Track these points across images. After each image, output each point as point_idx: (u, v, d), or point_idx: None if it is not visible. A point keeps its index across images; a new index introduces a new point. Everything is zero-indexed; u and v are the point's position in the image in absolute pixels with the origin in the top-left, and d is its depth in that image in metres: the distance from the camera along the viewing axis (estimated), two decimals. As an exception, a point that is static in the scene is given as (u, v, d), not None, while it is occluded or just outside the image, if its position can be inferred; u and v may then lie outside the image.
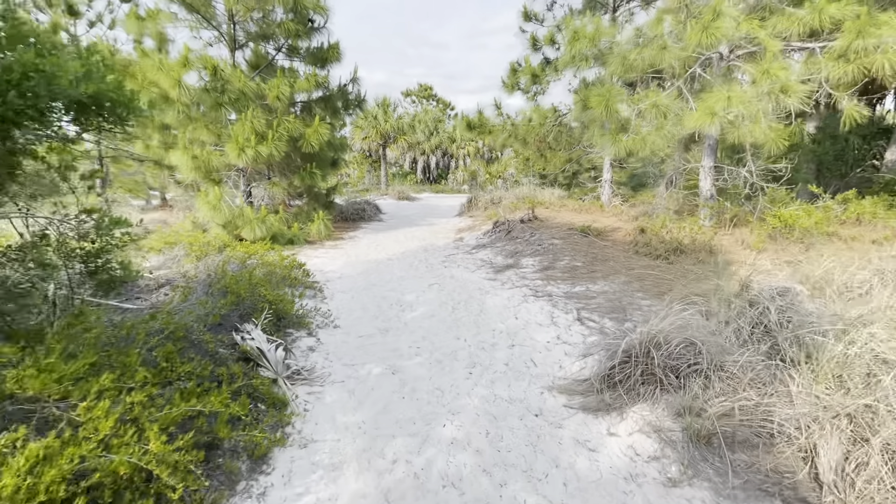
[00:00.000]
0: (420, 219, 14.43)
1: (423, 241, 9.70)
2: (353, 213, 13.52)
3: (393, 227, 12.45)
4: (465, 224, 12.13)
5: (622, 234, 7.69)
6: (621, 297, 4.99)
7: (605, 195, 11.58)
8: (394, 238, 10.29)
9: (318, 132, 9.46)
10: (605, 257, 6.61)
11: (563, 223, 8.93)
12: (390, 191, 23.24)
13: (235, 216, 8.25)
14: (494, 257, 7.52)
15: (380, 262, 7.63)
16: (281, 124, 9.10)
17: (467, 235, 9.99)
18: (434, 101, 41.09)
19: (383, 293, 5.70)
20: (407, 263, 7.44)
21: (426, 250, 8.69)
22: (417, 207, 18.62)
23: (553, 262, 6.67)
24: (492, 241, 8.64)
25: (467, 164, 35.13)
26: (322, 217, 9.66)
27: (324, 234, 9.70)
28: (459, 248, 8.70)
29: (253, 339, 3.26)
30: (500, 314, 4.77)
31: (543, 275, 6.16)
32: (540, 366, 3.51)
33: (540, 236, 7.91)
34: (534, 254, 7.23)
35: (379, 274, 6.72)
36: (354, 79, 11.40)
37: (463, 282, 6.17)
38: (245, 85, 9.11)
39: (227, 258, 5.52)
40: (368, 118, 24.07)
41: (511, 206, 12.06)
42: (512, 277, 6.24)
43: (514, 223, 8.97)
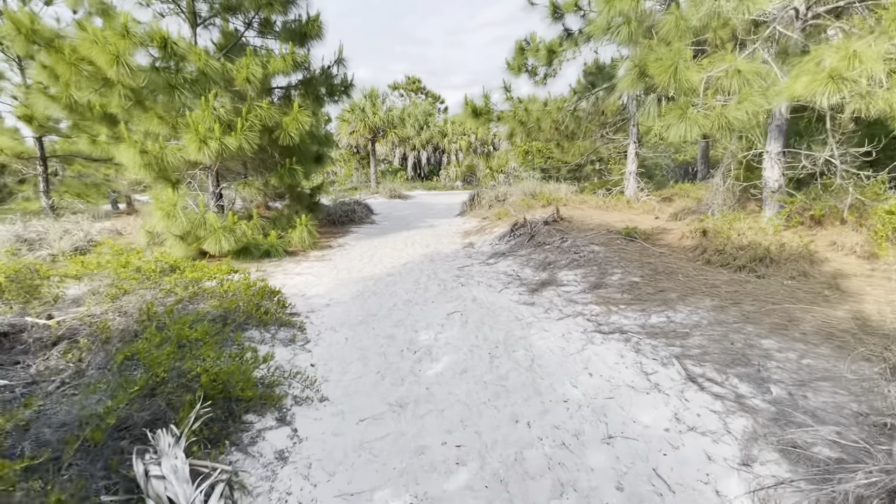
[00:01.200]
0: (417, 220, 12.89)
1: (426, 249, 8.18)
2: (341, 216, 11.93)
3: (388, 230, 10.90)
4: (472, 226, 10.63)
5: (675, 238, 6.27)
6: (727, 332, 3.55)
7: (629, 189, 10.19)
8: (391, 245, 8.75)
9: (297, 121, 7.88)
10: (667, 269, 5.17)
11: (594, 224, 7.49)
12: (381, 189, 21.65)
13: (196, 225, 6.64)
14: (521, 270, 6.03)
15: (378, 278, 6.10)
16: (252, 111, 7.50)
17: (478, 240, 8.49)
18: (423, 95, 39.42)
19: (388, 329, 4.19)
20: (412, 280, 5.93)
21: (432, 260, 7.18)
22: (412, 206, 17.07)
23: (602, 276, 5.21)
24: (512, 247, 7.16)
25: (460, 159, 33.61)
26: (305, 222, 8.08)
27: (308, 242, 8.13)
28: (472, 258, 7.20)
29: (163, 475, 1.73)
30: (564, 366, 3.29)
31: (596, 296, 4.70)
32: (679, 489, 2.04)
33: (574, 242, 6.45)
34: (572, 265, 5.77)
35: (379, 298, 5.19)
36: (340, 60, 9.81)
37: (491, 308, 4.68)
38: (206, 64, 7.48)
39: (167, 291, 3.95)
40: (355, 111, 22.38)
41: (522, 204, 10.60)
42: (554, 300, 4.76)
43: (536, 225, 7.50)
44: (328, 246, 8.78)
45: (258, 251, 7.37)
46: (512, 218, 9.60)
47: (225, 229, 6.71)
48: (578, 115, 9.67)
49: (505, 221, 9.36)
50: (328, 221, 11.63)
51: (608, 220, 7.72)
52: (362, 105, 22.40)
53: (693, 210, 7.22)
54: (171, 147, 7.15)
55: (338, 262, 7.21)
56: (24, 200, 9.85)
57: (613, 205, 9.26)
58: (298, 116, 7.89)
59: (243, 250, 7.21)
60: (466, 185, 31.61)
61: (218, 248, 6.66)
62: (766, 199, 6.48)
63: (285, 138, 7.86)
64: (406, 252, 7.95)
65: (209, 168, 8.59)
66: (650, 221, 7.82)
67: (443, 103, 39.93)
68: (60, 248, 7.22)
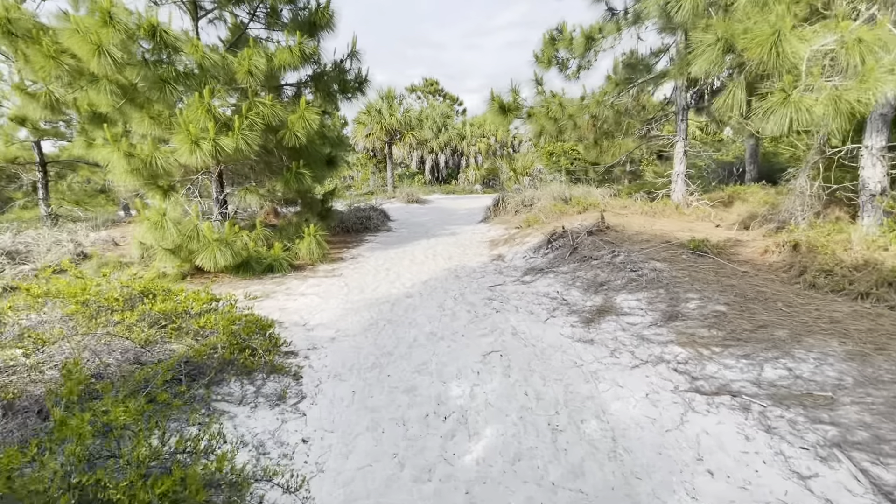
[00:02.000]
0: (437, 227, 11.94)
1: (449, 261, 7.21)
2: (356, 223, 11.06)
3: (406, 238, 9.97)
4: (498, 234, 9.62)
5: (756, 252, 5.15)
6: (892, 398, 2.46)
7: (677, 192, 9.03)
8: (410, 256, 7.80)
9: (304, 119, 7.02)
10: (760, 295, 4.07)
11: (646, 234, 6.40)
12: (398, 193, 20.82)
13: (188, 237, 5.80)
14: (567, 291, 5.00)
15: (395, 301, 5.14)
16: (253, 108, 6.68)
17: (508, 251, 7.48)
18: (441, 97, 38.63)
19: (408, 377, 3.22)
20: (436, 304, 4.95)
21: (457, 276, 6.21)
22: (430, 212, 16.14)
23: (675, 303, 4.14)
24: (551, 262, 6.12)
25: (479, 161, 32.66)
26: (313, 232, 7.20)
27: (316, 254, 7.24)
28: (504, 273, 6.20)
29: None
30: (664, 454, 2.27)
31: (674, 332, 3.64)
32: None
33: (628, 256, 5.38)
34: (631, 286, 4.71)
35: (396, 328, 4.23)
36: (353, 53, 8.95)
37: (538, 345, 3.67)
38: (203, 56, 6.70)
39: (125, 328, 3.05)
40: (371, 113, 21.62)
41: (554, 210, 9.54)
42: (619, 336, 3.72)
43: (579, 236, 6.45)
44: (339, 258, 7.88)
45: (260, 266, 6.51)
46: (544, 225, 8.56)
47: (221, 242, 5.86)
48: (619, 109, 8.59)
49: (536, 230, 8.32)
50: (341, 229, 10.78)
51: (661, 230, 6.62)
52: (378, 106, 21.64)
53: (767, 217, 6.06)
54: (164, 149, 6.36)
55: (349, 279, 6.29)
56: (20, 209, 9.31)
57: (661, 211, 8.14)
58: (306, 114, 7.04)
59: (243, 265, 6.36)
60: (486, 188, 30.61)
61: (213, 264, 5.81)
62: (865, 203, 5.31)
63: (291, 139, 7.01)
64: (427, 266, 6.99)
65: (212, 173, 7.81)
66: (711, 231, 6.69)
67: (461, 105, 39.05)
68: (46, 263, 6.51)
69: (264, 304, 5.00)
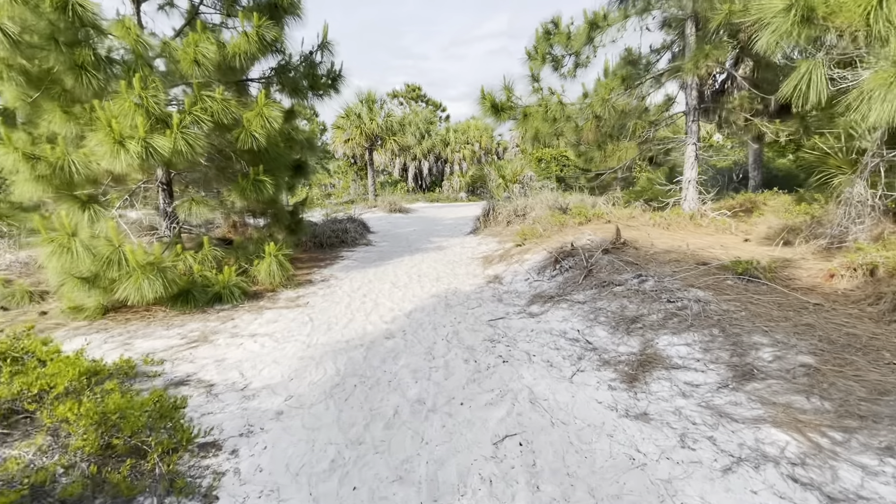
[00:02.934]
0: (422, 239, 10.84)
1: (437, 284, 6.10)
2: (331, 237, 9.87)
3: (387, 254, 8.83)
4: (490, 248, 8.56)
5: (818, 277, 4.18)
6: None
7: (689, 201, 8.13)
8: (391, 277, 6.67)
9: (263, 117, 5.87)
10: (850, 340, 3.08)
11: (671, 251, 5.41)
12: (379, 202, 19.65)
13: (105, 263, 4.56)
14: (590, 329, 3.94)
15: (370, 343, 4.01)
16: (199, 102, 5.51)
17: (505, 271, 6.41)
18: (423, 103, 37.70)
19: (383, 493, 2.09)
20: (423, 348, 3.83)
21: (448, 305, 5.11)
22: (414, 222, 15.03)
23: (740, 350, 3.12)
24: (561, 287, 5.07)
25: (464, 169, 31.77)
26: (275, 251, 6.01)
27: (278, 278, 6.05)
28: (504, 301, 5.12)
29: None
30: None
31: (756, 398, 2.61)
32: None
33: (659, 281, 4.37)
34: (672, 323, 3.68)
35: (369, 393, 3.10)
36: (325, 44, 7.85)
37: (571, 424, 2.59)
38: (137, 41, 5.53)
39: None
40: (351, 117, 20.44)
41: (553, 222, 8.55)
42: (683, 406, 2.66)
43: (593, 254, 5.42)
44: (308, 281, 6.69)
45: (205, 296, 5.28)
46: (544, 239, 7.54)
47: (150, 268, 4.63)
48: (624, 109, 7.68)
49: (536, 244, 7.29)
50: (314, 244, 9.58)
51: (686, 246, 5.65)
52: (358, 110, 20.48)
53: (813, 232, 5.14)
54: (82, 151, 5.12)
55: (315, 310, 5.12)
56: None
57: (675, 222, 7.21)
58: (265, 111, 5.89)
59: (182, 295, 5.13)
60: (472, 196, 29.68)
61: (139, 296, 4.57)
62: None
63: (247, 140, 5.84)
64: (411, 290, 5.87)
65: (159, 180, 6.57)
66: (742, 246, 5.75)
67: (444, 111, 38.23)
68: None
69: (197, 355, 3.80)
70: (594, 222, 8.20)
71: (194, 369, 3.49)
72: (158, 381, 3.24)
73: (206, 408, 2.86)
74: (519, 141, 27.50)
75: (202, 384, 3.21)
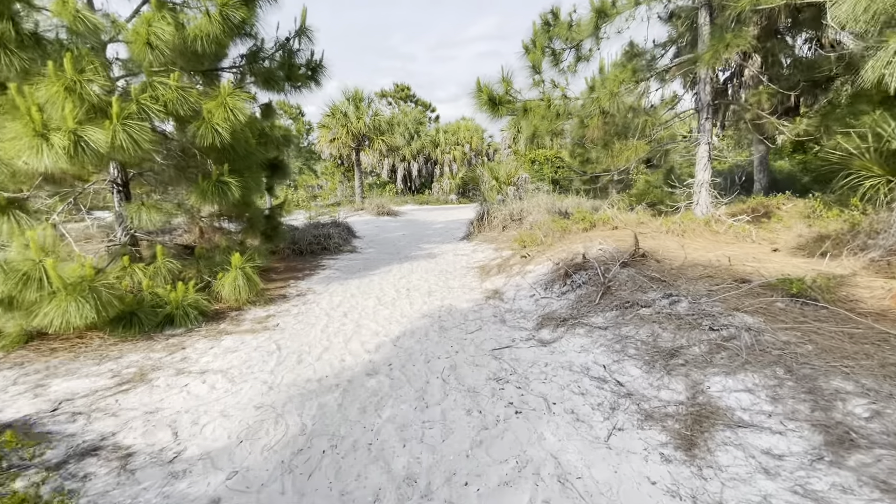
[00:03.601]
0: (412, 245, 10.07)
1: (429, 300, 5.34)
2: (312, 243, 9.04)
3: (373, 262, 8.04)
4: (486, 256, 7.83)
5: (885, 297, 3.52)
6: None
7: (701, 205, 7.50)
8: (377, 292, 5.89)
9: (226, 108, 5.07)
10: (963, 386, 2.40)
11: (699, 264, 4.73)
12: (367, 204, 18.81)
13: (23, 282, 3.71)
14: (618, 364, 3.21)
15: (348, 383, 3.24)
16: (148, 89, 4.70)
17: (505, 284, 5.67)
18: (413, 103, 36.95)
19: None
20: (414, 391, 3.07)
21: (442, 328, 4.35)
22: (403, 226, 14.25)
23: (820, 400, 2.43)
24: (573, 307, 4.34)
25: (454, 170, 31.09)
26: (241, 264, 5.20)
27: (244, 294, 5.23)
28: (508, 322, 4.38)
29: None
30: None
31: (872, 485, 1.90)
32: None
33: (695, 303, 3.67)
34: (720, 358, 2.98)
35: (341, 466, 2.32)
36: (303, 30, 7.06)
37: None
38: (76, 17, 4.71)
39: None
40: (337, 115, 19.56)
41: (554, 227, 7.85)
42: (766, 489, 1.94)
43: (608, 266, 4.71)
44: (282, 295, 5.88)
45: (153, 318, 4.45)
46: (546, 247, 6.83)
47: (78, 287, 3.79)
48: (633, 105, 7.02)
49: (537, 253, 6.58)
50: (294, 251, 8.75)
51: (713, 258, 4.97)
52: (344, 108, 19.63)
53: (864, 242, 4.50)
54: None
55: (285, 335, 4.32)
56: None
57: (691, 229, 6.56)
58: (229, 101, 5.09)
59: (126, 319, 4.28)
60: (462, 198, 28.97)
61: (63, 322, 3.72)
62: None
63: (207, 134, 5.02)
64: (399, 308, 5.10)
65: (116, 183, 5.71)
66: (772, 257, 5.10)
67: (433, 112, 37.54)
68: None
69: (125, 404, 2.98)
70: (599, 228, 7.52)
71: (115, 426, 2.68)
72: (59, 449, 2.43)
73: (110, 498, 2.06)
74: (511, 142, 26.91)
75: (118, 453, 2.41)
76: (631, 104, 6.95)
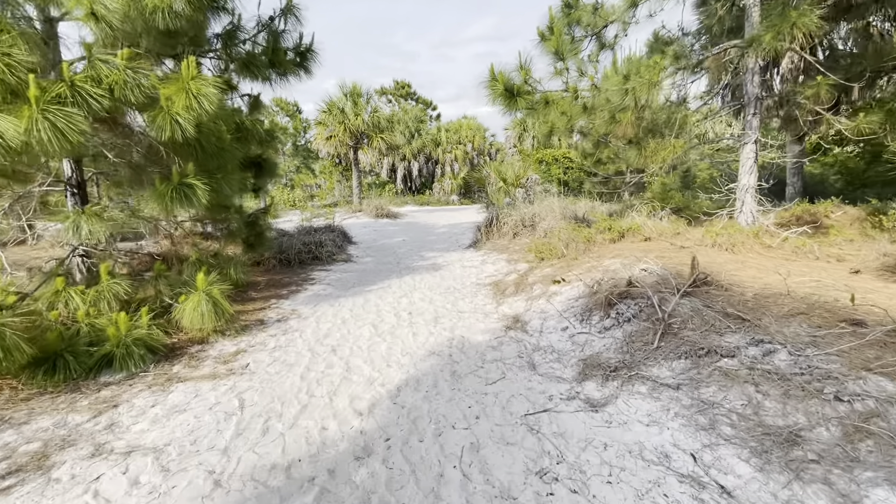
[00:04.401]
0: (413, 253, 9.12)
1: (436, 330, 4.38)
2: (301, 252, 8.08)
3: (370, 276, 7.09)
4: (499, 270, 6.87)
5: None
6: None
7: (745, 214, 6.55)
8: (373, 317, 4.93)
9: (190, 94, 4.12)
10: None
11: (777, 293, 3.76)
12: (365, 205, 17.83)
13: None
14: (711, 451, 2.26)
15: (329, 474, 2.28)
16: (92, 69, 3.76)
17: (527, 310, 4.72)
18: (413, 100, 35.97)
19: None
20: (423, 494, 2.12)
21: (456, 374, 3.40)
22: (404, 229, 13.29)
23: None
24: (623, 347, 3.39)
25: (455, 170, 30.13)
26: (204, 286, 4.23)
27: (209, 324, 4.26)
28: (539, 368, 3.43)
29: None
30: None
31: None
32: None
33: (799, 355, 2.72)
34: (863, 447, 2.04)
35: None
36: (289, 8, 6.12)
37: None
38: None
39: None
40: (333, 111, 18.56)
41: (575, 238, 6.90)
42: None
43: (662, 294, 3.75)
44: (259, 321, 4.92)
45: (87, 359, 3.48)
46: (568, 261, 5.88)
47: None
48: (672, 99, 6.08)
49: (560, 268, 5.63)
50: (281, 261, 7.79)
51: (773, 280, 4.02)
52: (342, 104, 18.64)
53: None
54: None
55: (254, 384, 3.36)
56: None
57: (740, 242, 5.61)
58: (193, 86, 4.13)
59: (49, 361, 3.32)
60: (463, 199, 28.01)
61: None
62: None
63: (165, 126, 4.05)
64: (400, 341, 4.15)
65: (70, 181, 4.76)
66: (858, 280, 4.15)
67: (434, 110, 36.60)
68: None
69: (-8, 518, 2.02)
70: (629, 239, 6.57)
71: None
72: None
73: None
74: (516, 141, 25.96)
75: None
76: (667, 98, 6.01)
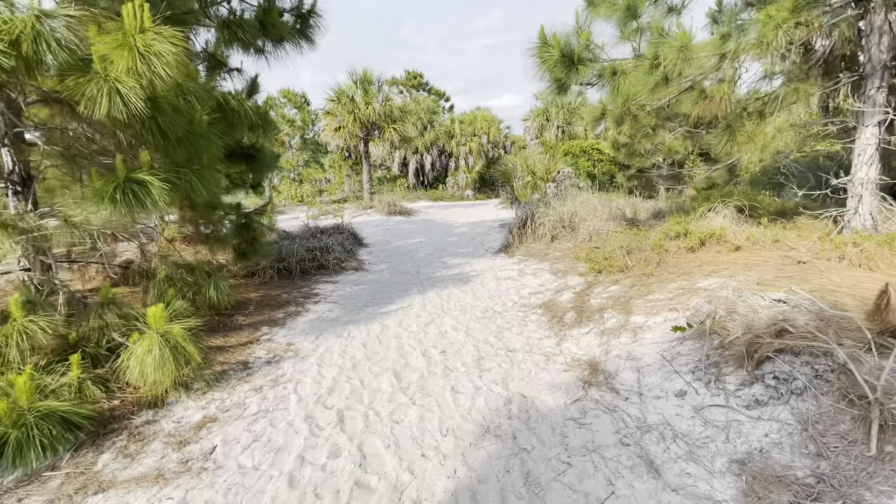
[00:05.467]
0: (435, 260, 7.83)
1: (483, 384, 3.10)
2: (305, 260, 6.84)
3: (386, 291, 5.82)
4: (543, 284, 5.56)
5: None
6: None
7: (862, 217, 5.15)
8: (394, 360, 3.66)
9: (137, 53, 2.84)
10: None
11: None
12: (376, 202, 16.57)
13: None
14: None
15: None
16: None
17: (607, 354, 3.41)
18: (425, 91, 34.50)
19: None
20: None
21: (530, 479, 2.12)
22: (420, 229, 12.01)
23: None
24: (805, 442, 2.08)
25: (469, 164, 28.74)
26: (162, 327, 3.00)
27: (166, 377, 3.02)
28: (665, 473, 2.13)
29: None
30: None
31: None
32: None
33: None
34: None
35: None
36: (285, -46, 4.83)
37: None
38: None
39: None
40: (342, 100, 17.27)
41: (636, 246, 5.55)
42: None
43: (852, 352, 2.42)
44: (241, 363, 3.67)
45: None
46: (637, 278, 4.55)
47: None
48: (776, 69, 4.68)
49: (631, 286, 4.31)
50: (279, 271, 6.55)
51: None
52: (351, 92, 17.34)
53: None
54: None
55: (215, 493, 2.11)
56: None
57: (877, 255, 4.25)
58: (141, 42, 2.86)
59: None
60: (479, 194, 26.64)
61: None
62: None
63: (98, 98, 2.80)
64: (435, 405, 2.87)
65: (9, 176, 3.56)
66: None
67: (448, 101, 35.06)
68: None
69: None
70: (711, 247, 5.22)
71: None
72: None
73: None
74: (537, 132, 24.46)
75: None
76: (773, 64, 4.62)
